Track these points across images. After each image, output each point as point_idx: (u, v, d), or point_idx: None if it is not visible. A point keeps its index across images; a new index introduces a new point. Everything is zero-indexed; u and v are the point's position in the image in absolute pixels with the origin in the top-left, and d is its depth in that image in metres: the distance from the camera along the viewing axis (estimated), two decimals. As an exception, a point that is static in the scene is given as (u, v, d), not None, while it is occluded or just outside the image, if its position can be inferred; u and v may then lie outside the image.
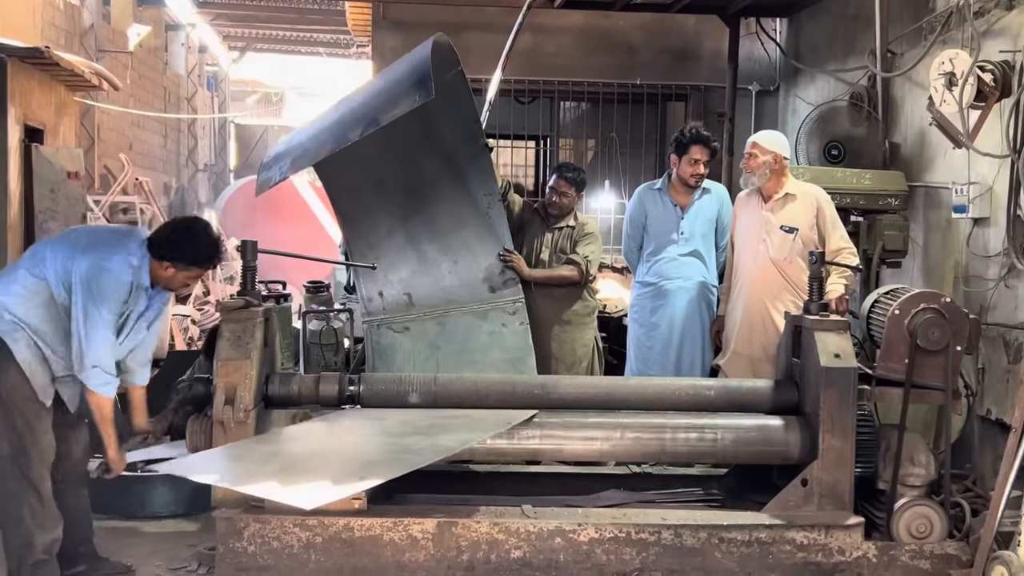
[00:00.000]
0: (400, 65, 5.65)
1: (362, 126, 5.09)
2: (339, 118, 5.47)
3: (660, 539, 4.75)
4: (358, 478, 4.33)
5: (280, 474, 4.42)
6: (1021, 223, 5.41)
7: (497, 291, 6.15)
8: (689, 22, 9.93)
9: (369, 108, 5.29)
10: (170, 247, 4.59)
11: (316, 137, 5.40)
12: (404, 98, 5.04)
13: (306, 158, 5.35)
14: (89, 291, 4.39)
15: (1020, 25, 5.64)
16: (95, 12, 15.68)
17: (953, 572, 4.73)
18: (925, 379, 4.92)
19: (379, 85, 5.71)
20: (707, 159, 6.35)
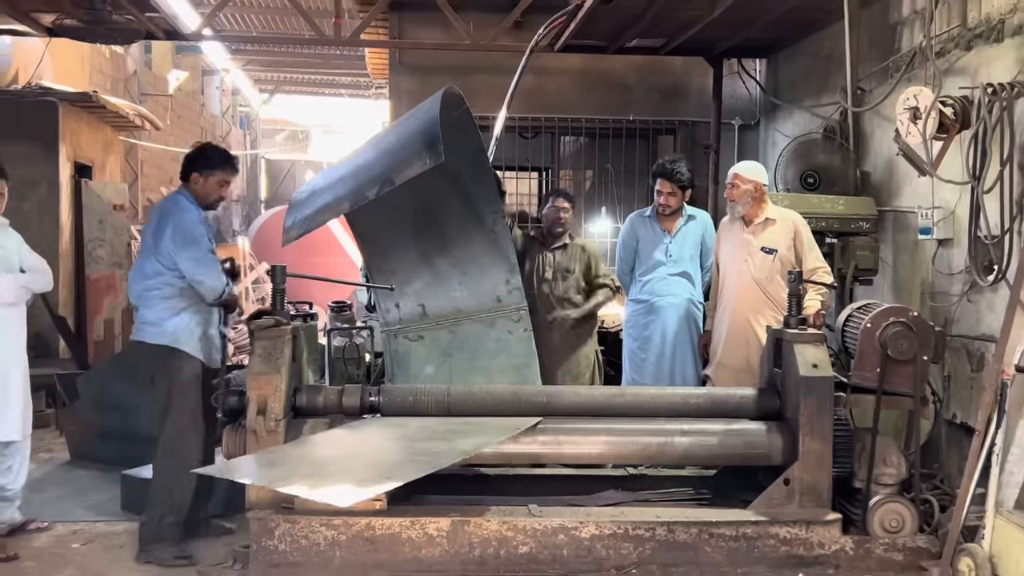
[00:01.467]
0: (412, 120, 5.63)
1: (378, 185, 5.11)
2: (356, 173, 5.46)
3: (655, 535, 4.74)
4: (384, 478, 4.32)
5: (312, 476, 4.42)
6: (981, 243, 5.40)
7: (503, 300, 6.13)
8: (677, 63, 9.96)
9: (384, 167, 5.28)
10: (192, 163, 5.12)
11: (336, 191, 5.41)
12: (416, 159, 5.07)
13: (326, 214, 5.36)
14: (184, 241, 4.89)
15: (977, 64, 5.66)
16: (138, 59, 15.80)
17: (924, 564, 4.71)
18: (896, 386, 4.92)
19: (392, 141, 5.66)
20: (670, 191, 6.37)
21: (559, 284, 6.46)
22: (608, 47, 9.27)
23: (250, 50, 18.40)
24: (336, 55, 17.20)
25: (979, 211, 5.40)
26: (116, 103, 11.36)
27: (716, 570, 4.69)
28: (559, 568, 4.68)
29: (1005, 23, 5.45)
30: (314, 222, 5.23)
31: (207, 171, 5.11)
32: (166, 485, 4.92)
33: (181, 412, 4.96)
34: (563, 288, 6.47)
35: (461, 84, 9.73)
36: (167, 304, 4.96)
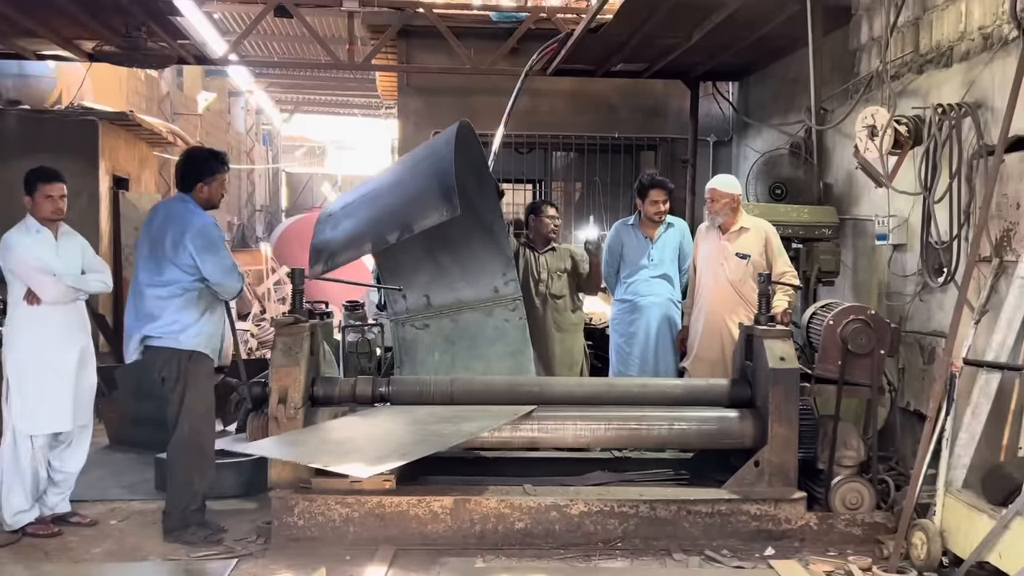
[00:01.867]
0: (429, 161, 5.49)
1: (398, 231, 5.11)
2: (377, 210, 5.41)
3: (638, 512, 4.75)
4: (399, 455, 4.34)
5: (333, 453, 4.44)
6: (932, 248, 5.41)
7: (500, 291, 6.11)
8: (658, 86, 9.95)
9: (404, 212, 5.23)
10: (191, 174, 4.88)
11: (358, 226, 5.36)
12: (434, 211, 5.05)
13: (348, 253, 5.31)
14: (207, 246, 4.70)
15: (929, 86, 5.67)
16: (171, 82, 15.78)
17: (880, 538, 4.71)
18: (855, 378, 4.92)
19: (411, 182, 5.52)
20: (664, 198, 6.41)
21: (554, 283, 6.51)
22: (595, 71, 9.27)
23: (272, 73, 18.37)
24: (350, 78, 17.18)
25: (930, 219, 5.40)
26: (151, 121, 11.34)
27: (693, 543, 4.69)
28: (552, 542, 4.68)
29: (953, 50, 5.46)
30: (337, 261, 5.23)
31: (209, 178, 4.89)
32: (186, 480, 4.78)
33: (196, 411, 4.79)
34: (558, 287, 6.51)
35: (463, 104, 9.84)
36: (188, 310, 4.75)
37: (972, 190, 5.08)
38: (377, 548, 4.55)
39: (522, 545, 4.65)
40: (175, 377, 4.75)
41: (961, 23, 5.39)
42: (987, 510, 4.16)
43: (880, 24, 6.21)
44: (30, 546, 4.69)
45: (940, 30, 5.63)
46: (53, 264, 4.92)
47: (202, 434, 4.83)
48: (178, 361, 4.75)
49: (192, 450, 4.78)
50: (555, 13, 9.31)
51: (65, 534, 4.85)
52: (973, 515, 4.20)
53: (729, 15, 7.02)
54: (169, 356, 4.76)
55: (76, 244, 5.16)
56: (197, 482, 4.79)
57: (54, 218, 5.04)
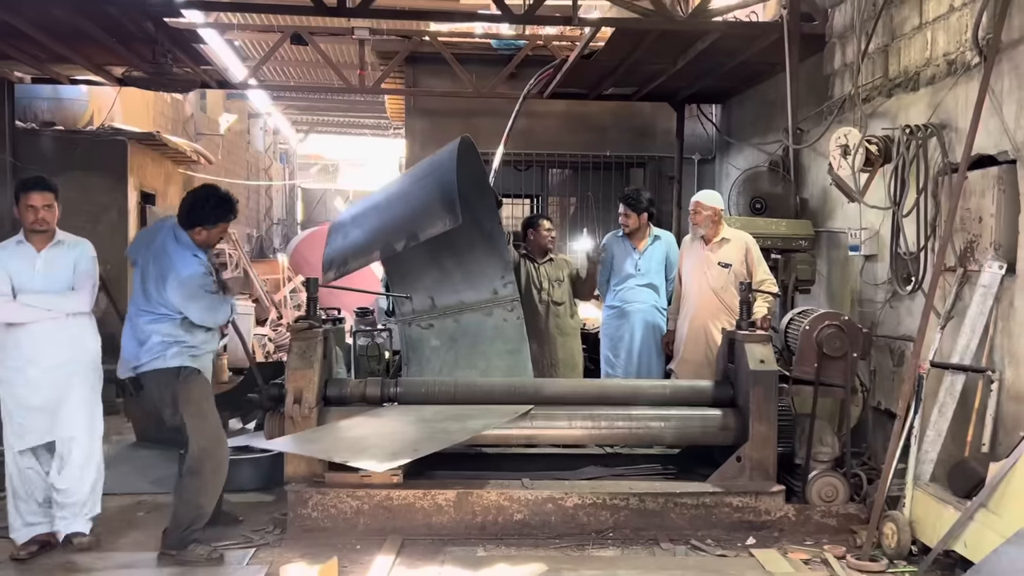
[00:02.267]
0: (433, 176, 5.42)
1: (404, 239, 5.06)
2: (384, 218, 5.37)
3: (628, 504, 4.74)
4: (412, 450, 4.34)
5: (350, 448, 4.43)
6: (901, 259, 5.41)
7: (499, 293, 6.09)
8: (646, 108, 9.97)
9: (410, 220, 5.18)
10: (195, 216, 4.47)
11: (367, 235, 5.31)
12: (438, 220, 5.00)
13: (359, 260, 5.25)
14: (192, 297, 4.36)
15: (897, 109, 5.68)
16: (194, 104, 15.79)
17: (854, 528, 4.71)
18: (830, 379, 4.92)
19: (416, 192, 5.46)
20: (626, 212, 6.46)
21: (555, 291, 6.53)
22: (588, 94, 9.29)
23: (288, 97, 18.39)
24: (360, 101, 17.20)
25: (899, 232, 5.41)
26: (176, 141, 11.35)
27: (680, 533, 4.68)
28: (548, 532, 4.67)
29: (920, 75, 5.47)
30: (348, 268, 5.19)
31: (211, 225, 4.50)
32: (195, 502, 4.37)
33: (202, 430, 4.39)
34: (558, 294, 6.52)
35: (465, 125, 9.84)
36: (173, 330, 4.40)
37: (938, 205, 5.08)
38: (385, 538, 4.55)
39: (520, 535, 4.65)
40: (169, 400, 4.41)
41: (927, 50, 5.41)
42: (953, 502, 4.16)
43: (852, 51, 6.23)
44: (62, 536, 4.67)
45: (908, 56, 5.64)
46: (21, 280, 4.37)
47: (211, 457, 4.39)
48: (167, 382, 4.39)
49: (199, 476, 4.38)
50: (551, 41, 9.33)
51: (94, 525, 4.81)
52: (940, 507, 4.20)
53: (712, 43, 7.04)
54: (158, 378, 4.41)
55: (68, 258, 4.51)
56: (206, 504, 4.41)
57: (36, 229, 4.44)
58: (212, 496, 4.45)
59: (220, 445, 4.47)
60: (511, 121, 8.74)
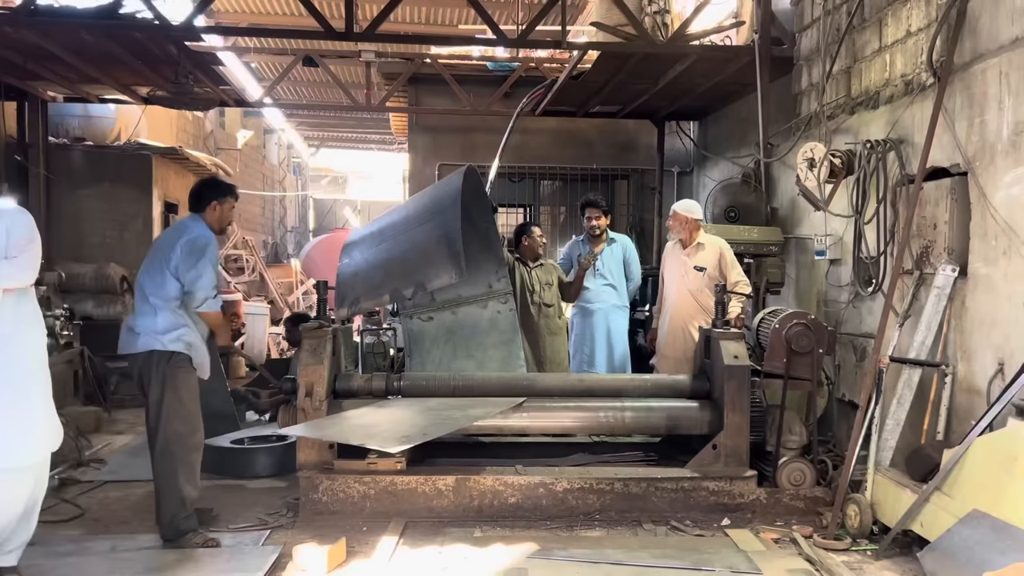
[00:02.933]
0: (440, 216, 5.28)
1: (412, 288, 5.03)
2: (390, 269, 5.23)
3: (613, 488, 4.74)
4: (421, 434, 4.34)
5: (365, 433, 4.43)
6: (863, 263, 5.43)
7: (494, 287, 6.07)
8: (630, 124, 9.98)
9: (416, 270, 5.09)
10: (206, 193, 4.47)
11: (377, 278, 5.23)
12: (445, 273, 4.96)
13: (370, 302, 5.27)
14: (193, 251, 4.22)
15: (859, 125, 5.70)
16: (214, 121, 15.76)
17: (820, 510, 4.71)
18: (798, 373, 4.92)
19: (422, 239, 5.27)
20: (598, 215, 6.50)
21: (545, 293, 6.51)
22: (576, 112, 9.30)
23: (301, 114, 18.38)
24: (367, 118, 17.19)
25: (861, 238, 5.43)
26: (197, 155, 11.32)
27: (660, 515, 4.68)
28: (539, 515, 4.67)
29: (880, 94, 5.49)
30: (360, 307, 5.24)
31: (222, 198, 4.48)
32: (171, 486, 4.19)
33: (177, 414, 4.20)
34: (548, 296, 6.51)
35: (463, 141, 9.86)
36: (174, 316, 4.23)
37: (896, 213, 5.10)
38: (390, 521, 4.54)
39: (514, 517, 4.64)
40: (154, 379, 4.18)
41: (886, 71, 5.43)
42: (910, 486, 4.17)
43: (818, 72, 6.25)
44: (91, 520, 4.66)
45: (869, 77, 5.67)
46: None
47: (183, 441, 4.21)
48: (157, 362, 4.19)
49: (172, 457, 4.19)
50: (542, 63, 9.34)
51: (117, 509, 4.80)
52: (898, 490, 4.21)
53: (689, 65, 7.06)
54: (147, 358, 4.20)
55: None
56: (184, 488, 4.19)
57: None
58: (192, 482, 4.26)
59: (196, 432, 4.31)
60: (505, 136, 8.75)
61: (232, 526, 4.52)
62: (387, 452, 4.42)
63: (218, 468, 5.39)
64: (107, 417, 7.31)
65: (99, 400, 7.54)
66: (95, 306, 8.85)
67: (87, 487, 5.26)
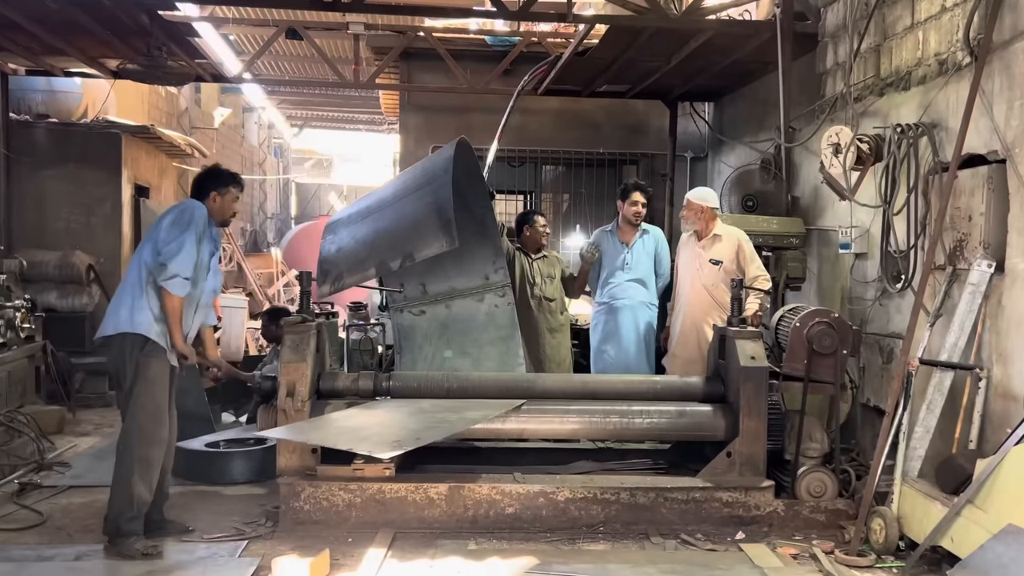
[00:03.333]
0: (428, 188, 5.26)
1: (400, 258, 5.00)
2: (377, 240, 5.22)
3: (619, 498, 4.73)
4: (415, 438, 4.34)
5: (354, 437, 4.42)
6: (891, 257, 5.42)
7: (490, 279, 6.06)
8: (639, 105, 9.96)
9: (404, 240, 5.09)
10: (207, 183, 4.55)
11: (362, 251, 5.21)
12: (434, 241, 4.92)
13: (354, 276, 5.20)
14: (179, 221, 4.29)
15: (889, 108, 5.69)
16: (189, 98, 15.71)
17: (842, 523, 4.71)
18: (820, 375, 4.92)
19: (411, 207, 5.27)
20: (644, 201, 6.44)
21: (547, 287, 6.52)
22: (582, 91, 9.27)
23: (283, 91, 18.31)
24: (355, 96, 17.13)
25: (889, 230, 5.42)
26: (170, 135, 11.29)
27: (670, 528, 4.68)
28: (539, 526, 4.66)
29: (911, 74, 5.48)
30: (344, 283, 5.17)
31: (223, 188, 4.56)
32: (125, 481, 4.25)
33: (144, 408, 4.28)
34: (550, 290, 6.52)
35: (459, 122, 9.83)
36: (152, 298, 4.29)
37: (928, 203, 5.09)
38: (377, 531, 4.53)
39: (512, 529, 4.64)
40: (126, 367, 4.27)
41: (919, 50, 5.41)
42: (940, 498, 4.16)
43: (844, 50, 6.23)
44: (54, 527, 4.65)
45: (900, 56, 5.65)
46: None
47: (147, 437, 4.29)
48: (131, 348, 4.27)
49: (132, 451, 4.27)
50: (545, 37, 9.30)
51: (84, 517, 4.80)
52: (927, 503, 4.20)
53: (705, 41, 7.03)
54: (122, 343, 4.28)
55: None
56: (137, 487, 4.25)
57: None
58: (146, 482, 4.29)
59: (159, 428, 4.35)
60: (505, 117, 8.73)
61: (207, 536, 4.51)
62: (376, 458, 4.41)
63: (191, 473, 5.39)
64: (71, 417, 7.30)
65: (63, 399, 7.53)
66: (59, 297, 8.83)
67: (49, 492, 5.25)
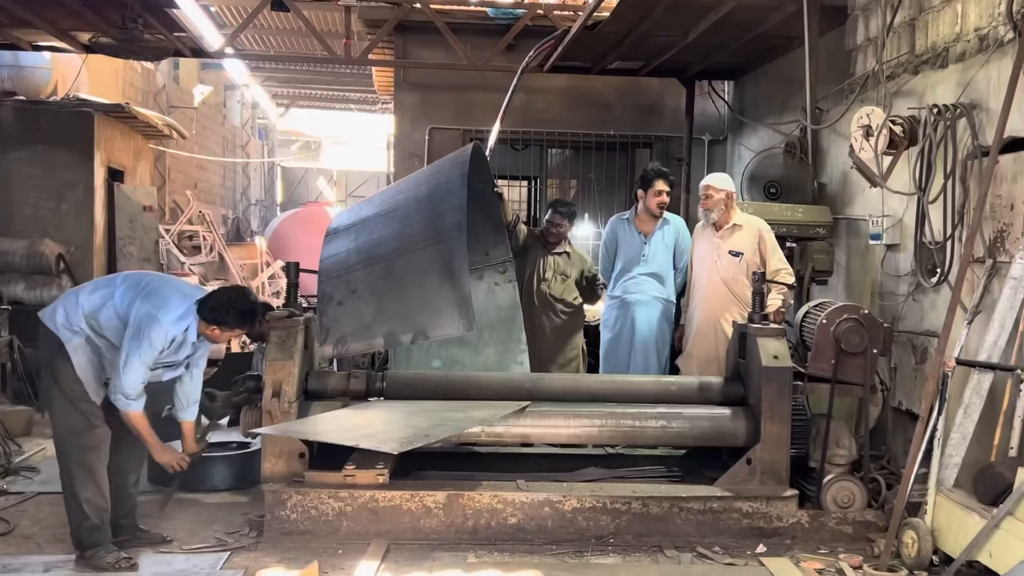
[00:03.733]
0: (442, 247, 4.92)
1: (411, 333, 4.84)
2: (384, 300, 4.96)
3: (631, 508, 4.74)
4: (424, 435, 4.33)
5: (357, 434, 4.42)
6: (926, 249, 5.41)
7: (490, 254, 6.04)
8: (653, 84, 9.93)
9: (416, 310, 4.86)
10: (217, 313, 4.38)
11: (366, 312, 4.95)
12: (449, 321, 4.76)
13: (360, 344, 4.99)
14: (137, 335, 4.22)
15: (924, 87, 5.66)
16: (167, 74, 15.72)
17: (871, 536, 4.72)
18: (848, 376, 4.92)
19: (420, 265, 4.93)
20: (668, 190, 6.41)
21: (557, 285, 6.42)
22: (591, 68, 9.25)
23: (268, 67, 18.30)
24: (346, 73, 17.13)
25: (924, 219, 5.40)
26: (146, 114, 11.30)
27: (685, 540, 4.68)
28: (544, 538, 4.67)
29: (949, 51, 5.46)
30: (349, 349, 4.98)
31: (229, 329, 4.46)
32: (70, 490, 4.30)
33: (62, 416, 4.31)
34: (560, 290, 6.43)
35: (459, 100, 9.82)
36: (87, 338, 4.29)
37: (966, 191, 5.08)
38: (370, 542, 4.54)
39: (515, 540, 4.64)
40: (48, 366, 4.33)
41: (957, 24, 5.39)
42: (978, 509, 4.16)
43: (876, 24, 6.21)
44: (22, 537, 4.66)
45: (936, 31, 5.63)
46: None
47: (75, 439, 4.29)
48: (48, 344, 4.29)
49: (65, 457, 4.31)
50: (552, 10, 9.28)
51: (56, 525, 4.81)
52: (964, 514, 4.20)
53: (725, 14, 7.00)
54: (45, 334, 4.31)
55: None
56: (82, 492, 4.27)
57: None
58: (93, 487, 4.29)
59: (90, 429, 4.31)
60: (508, 96, 8.70)
61: (185, 547, 4.52)
62: (369, 464, 4.40)
63: (168, 479, 5.38)
64: (39, 418, 7.30)
65: (30, 398, 7.54)
66: (26, 289, 8.83)
67: (16, 499, 5.27)
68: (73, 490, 4.29)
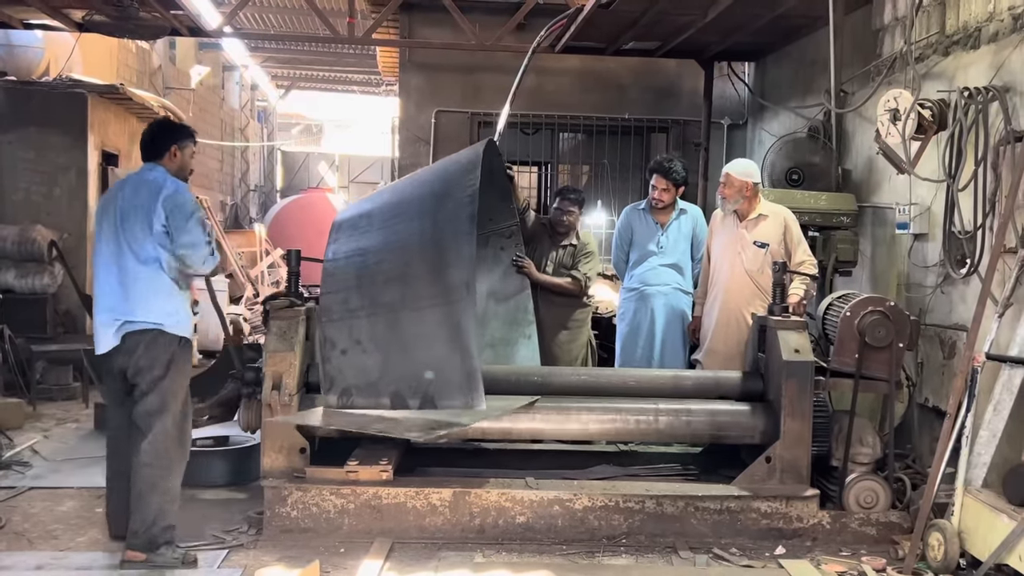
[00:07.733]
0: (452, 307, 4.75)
1: (419, 399, 4.74)
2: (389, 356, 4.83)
3: (644, 507, 4.74)
4: (447, 423, 4.40)
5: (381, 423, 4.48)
6: (955, 238, 5.39)
7: (495, 220, 6.07)
8: (670, 65, 9.92)
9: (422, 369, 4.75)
10: (163, 139, 4.55)
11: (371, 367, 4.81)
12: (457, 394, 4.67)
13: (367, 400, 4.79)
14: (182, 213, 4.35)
15: (955, 69, 5.64)
16: (163, 55, 15.74)
17: (896, 538, 4.72)
18: (872, 372, 4.91)
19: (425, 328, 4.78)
20: (665, 187, 6.36)
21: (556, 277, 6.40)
22: (606, 49, 9.23)
23: (268, 47, 18.32)
24: (349, 53, 17.12)
25: (954, 208, 5.38)
26: (142, 95, 11.32)
27: (701, 541, 4.69)
28: (554, 537, 4.68)
29: (981, 31, 5.42)
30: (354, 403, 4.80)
31: (181, 143, 4.56)
32: (160, 485, 4.30)
33: (181, 401, 4.42)
34: None
35: (466, 82, 9.82)
36: (175, 294, 4.41)
37: (998, 178, 5.06)
38: (373, 541, 4.55)
39: (523, 540, 4.65)
40: (163, 365, 4.33)
41: (990, 3, 5.36)
42: (1008, 510, 4.15)
43: (905, 3, 6.18)
44: (12, 533, 4.69)
45: (968, 10, 5.60)
46: None
47: (185, 431, 4.46)
48: (166, 347, 4.35)
49: (175, 449, 4.37)
50: (564, -13, 9.26)
51: (48, 522, 4.84)
52: (993, 516, 4.19)
53: (747, -8, 6.98)
54: (153, 340, 4.33)
55: None
56: (174, 487, 4.36)
57: None
58: (179, 478, 4.41)
59: (187, 420, 4.50)
60: (518, 78, 8.69)
61: (183, 544, 4.53)
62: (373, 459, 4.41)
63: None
64: (31, 411, 7.36)
65: (22, 390, 7.58)
66: (17, 277, 8.87)
67: (7, 494, 5.29)
68: (165, 485, 4.31)
